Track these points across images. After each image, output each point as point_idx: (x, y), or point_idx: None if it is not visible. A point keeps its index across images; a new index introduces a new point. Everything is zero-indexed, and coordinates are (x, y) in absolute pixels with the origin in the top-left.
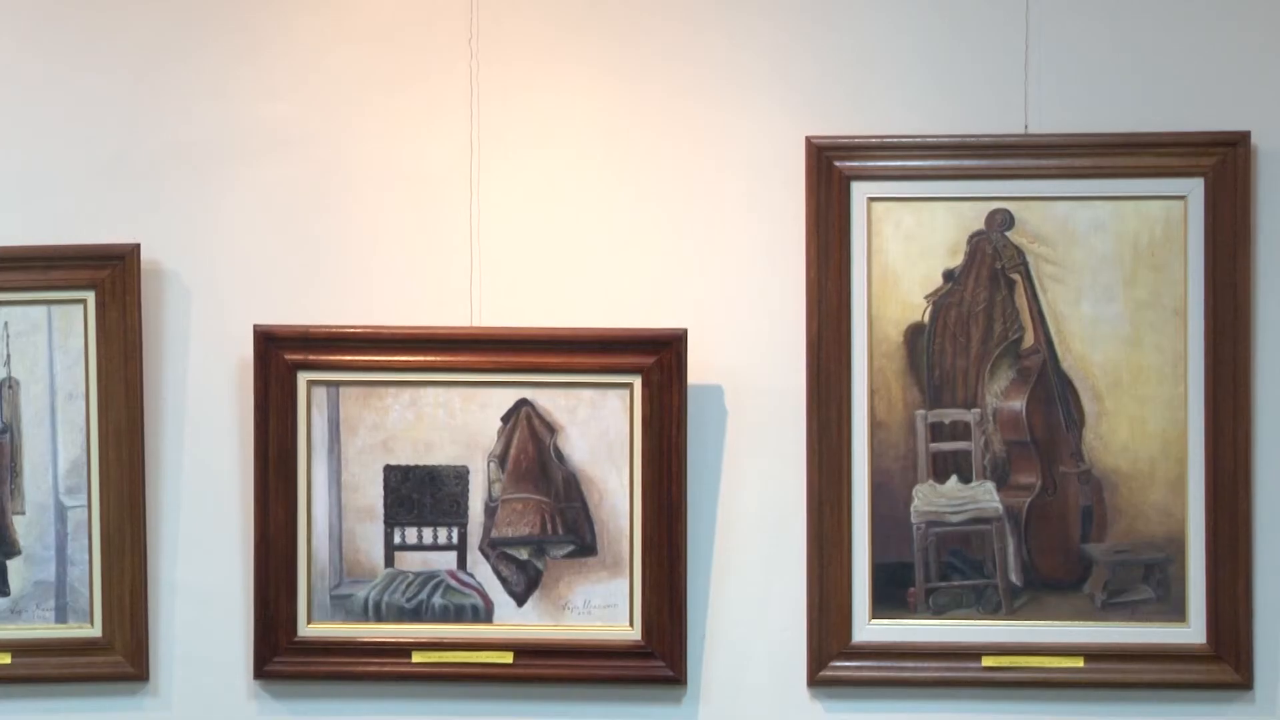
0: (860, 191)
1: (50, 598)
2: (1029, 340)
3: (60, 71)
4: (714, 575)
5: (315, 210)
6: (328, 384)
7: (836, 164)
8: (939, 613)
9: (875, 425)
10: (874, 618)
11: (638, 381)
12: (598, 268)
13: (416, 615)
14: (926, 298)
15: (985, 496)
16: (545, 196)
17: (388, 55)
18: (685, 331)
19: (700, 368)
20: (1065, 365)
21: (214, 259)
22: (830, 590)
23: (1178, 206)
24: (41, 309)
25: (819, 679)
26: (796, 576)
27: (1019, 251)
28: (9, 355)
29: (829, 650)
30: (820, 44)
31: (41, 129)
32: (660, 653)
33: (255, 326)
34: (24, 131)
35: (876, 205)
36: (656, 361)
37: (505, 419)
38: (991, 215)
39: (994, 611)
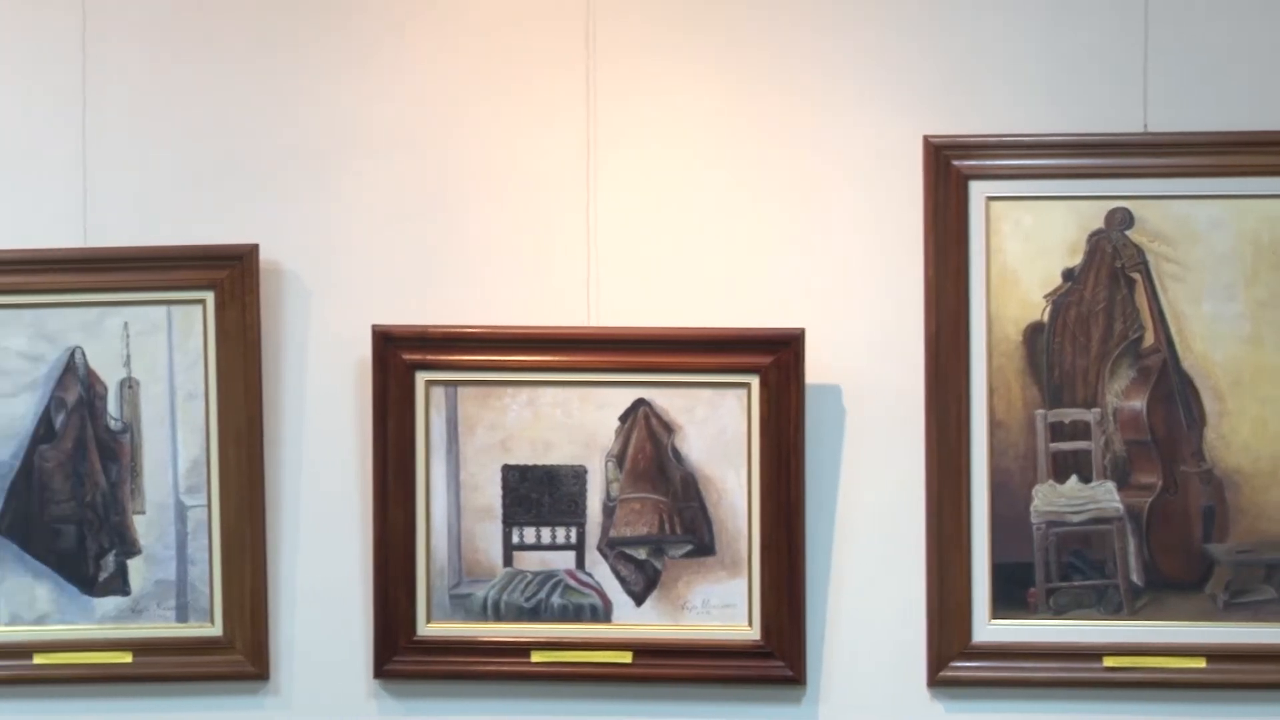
0: (978, 190)
1: (171, 597)
2: (1149, 339)
3: (181, 73)
4: (832, 575)
5: (433, 210)
6: (446, 384)
7: (955, 163)
8: (1060, 613)
9: (994, 425)
10: (994, 618)
11: (755, 381)
12: (714, 267)
13: (535, 615)
14: (1046, 297)
15: (1106, 496)
16: (662, 195)
17: (505, 54)
18: (803, 331)
19: (818, 367)
20: (1186, 364)
21: (332, 259)
22: (950, 590)
23: None
24: (161, 309)
25: (939, 679)
26: (916, 576)
27: (1139, 250)
28: (129, 355)
29: (949, 650)
30: (938, 43)
31: (162, 130)
32: (779, 653)
33: (374, 327)
34: (145, 133)
35: (995, 204)
36: (774, 361)
37: (623, 418)
38: (1111, 214)
39: (1115, 612)
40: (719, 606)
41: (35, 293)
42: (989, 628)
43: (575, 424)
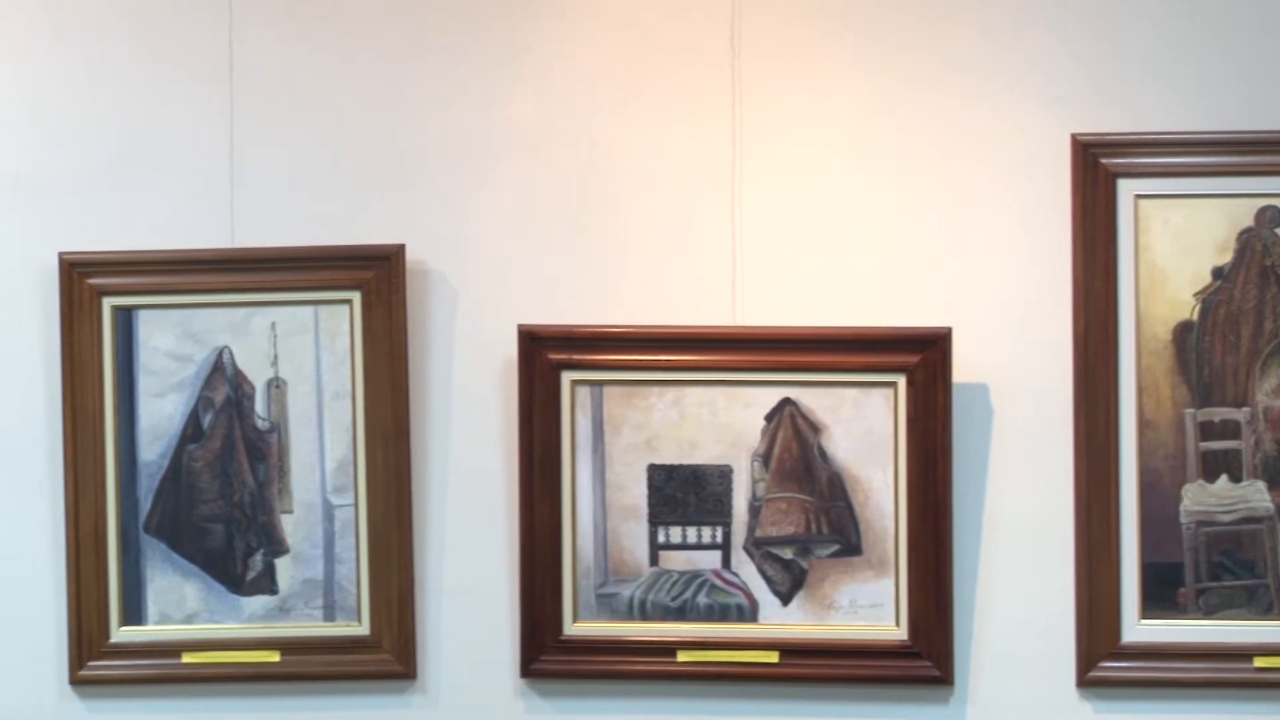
0: (1127, 189)
1: (318, 596)
2: None
3: (327, 74)
4: (980, 574)
5: (578, 209)
6: (591, 383)
7: (1103, 161)
8: (1210, 613)
9: (1143, 424)
10: (1143, 618)
11: (902, 380)
12: (860, 265)
13: (681, 614)
14: (1195, 295)
15: (1256, 496)
16: (807, 194)
17: (650, 52)
18: (950, 330)
19: (964, 366)
20: None
21: (478, 259)
22: (1099, 590)
23: None
24: (309, 309)
25: (1088, 679)
26: (1064, 576)
27: None
28: (277, 355)
29: (1098, 651)
30: (1085, 42)
31: (309, 131)
32: (927, 653)
33: (519, 326)
34: (292, 133)
35: (1144, 202)
36: (921, 360)
37: (768, 418)
38: (1261, 212)
39: (1266, 612)
40: (866, 606)
41: (183, 293)
42: (1138, 628)
43: (721, 423)
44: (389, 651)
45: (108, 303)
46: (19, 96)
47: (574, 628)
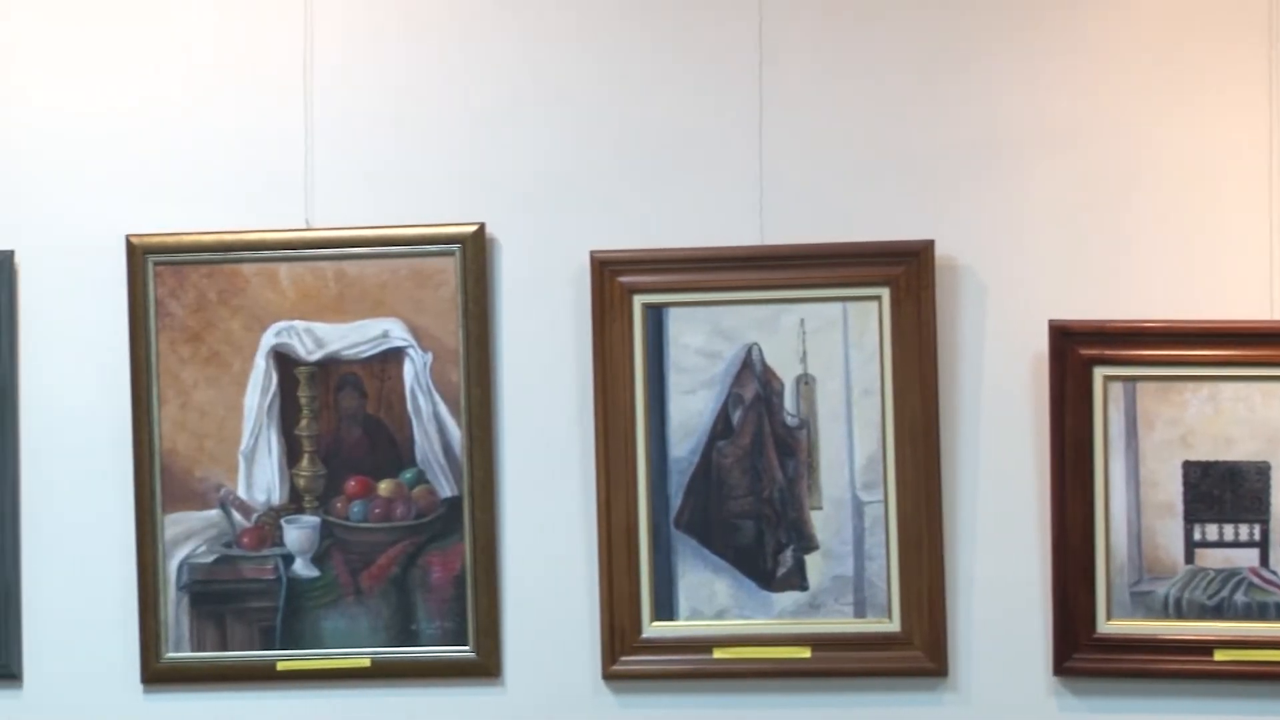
0: None
1: (848, 592)
2: None
3: (855, 70)
4: None
5: (1110, 205)
6: (1124, 379)
7: None
8: None
9: None
10: None
11: None
12: None
13: (1218, 613)
14: None
15: None
16: None
17: (1182, 45)
18: None
19: None
20: None
21: (1008, 254)
22: None
23: None
24: (837, 306)
25: None
26: None
27: None
28: (805, 352)
29: None
30: None
31: (837, 127)
32: None
33: (1050, 322)
34: (820, 130)
35: None
36: None
37: None
38: None
39: None
40: None
41: (713, 290)
42: None
43: (1258, 419)
44: (920, 648)
45: (638, 300)
46: (552, 98)
47: (1107, 625)
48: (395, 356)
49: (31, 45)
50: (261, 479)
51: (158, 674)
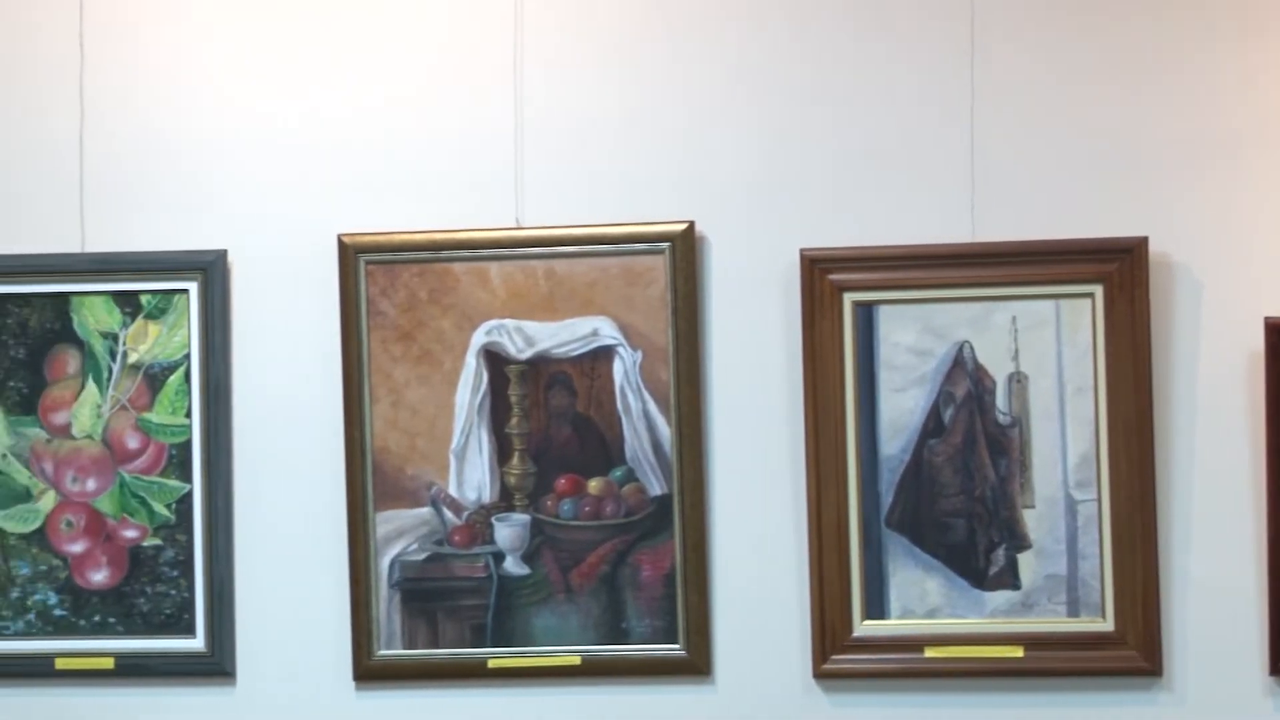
0: None
1: (1061, 591)
2: None
3: (1068, 66)
4: None
5: None
6: None
7: None
8: None
9: None
10: None
11: None
12: None
13: None
14: None
15: None
16: None
17: None
18: None
19: None
20: None
21: (1224, 251)
22: None
23: None
24: (1049, 303)
25: None
26: None
27: None
28: (1017, 350)
29: None
30: None
31: (1049, 123)
32: None
33: (1266, 319)
34: (1032, 126)
35: None
36: None
37: None
38: None
39: None
40: None
41: (924, 288)
42: None
43: None
44: (1134, 648)
45: (848, 298)
46: (762, 96)
47: None
48: (605, 355)
49: (248, 53)
50: (472, 477)
51: (369, 671)
